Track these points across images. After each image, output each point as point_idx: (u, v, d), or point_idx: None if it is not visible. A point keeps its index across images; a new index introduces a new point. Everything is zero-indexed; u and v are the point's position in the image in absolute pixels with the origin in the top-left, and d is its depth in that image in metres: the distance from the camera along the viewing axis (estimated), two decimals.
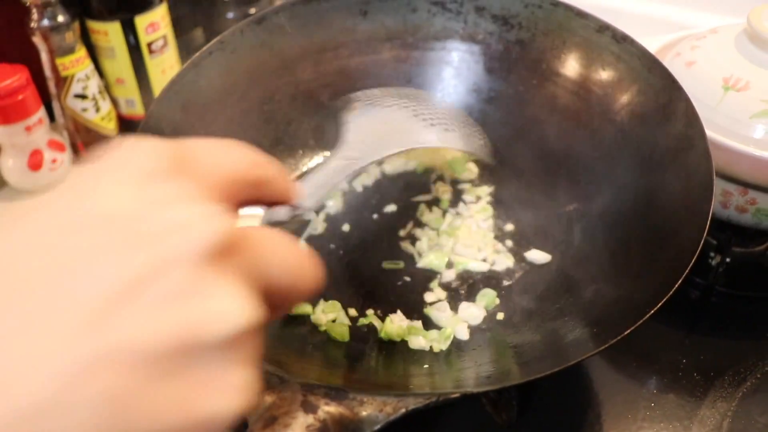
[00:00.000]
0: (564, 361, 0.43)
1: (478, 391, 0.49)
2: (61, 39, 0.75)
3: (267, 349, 0.50)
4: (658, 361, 0.59)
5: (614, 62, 0.63)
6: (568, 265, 0.61)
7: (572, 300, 0.56)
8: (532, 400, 0.54)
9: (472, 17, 0.70)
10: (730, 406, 0.55)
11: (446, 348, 0.54)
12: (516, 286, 0.60)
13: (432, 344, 0.54)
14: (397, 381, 0.51)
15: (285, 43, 0.70)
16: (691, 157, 0.54)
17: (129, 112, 0.88)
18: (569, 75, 0.67)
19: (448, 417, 0.54)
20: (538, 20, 0.67)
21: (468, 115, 0.61)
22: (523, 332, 0.56)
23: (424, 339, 0.54)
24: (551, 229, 0.65)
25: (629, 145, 0.61)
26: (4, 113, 0.73)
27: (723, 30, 0.67)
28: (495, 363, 0.51)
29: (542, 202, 0.68)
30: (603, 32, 0.64)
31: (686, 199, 0.52)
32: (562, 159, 0.67)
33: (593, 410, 0.55)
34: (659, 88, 0.59)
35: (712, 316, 0.64)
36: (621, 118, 0.62)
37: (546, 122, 0.69)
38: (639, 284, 0.51)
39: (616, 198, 0.61)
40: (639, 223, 0.56)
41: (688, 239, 0.48)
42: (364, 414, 0.37)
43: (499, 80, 0.71)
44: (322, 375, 0.48)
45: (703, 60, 0.64)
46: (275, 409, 0.37)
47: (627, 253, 0.55)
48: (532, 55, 0.68)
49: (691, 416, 0.54)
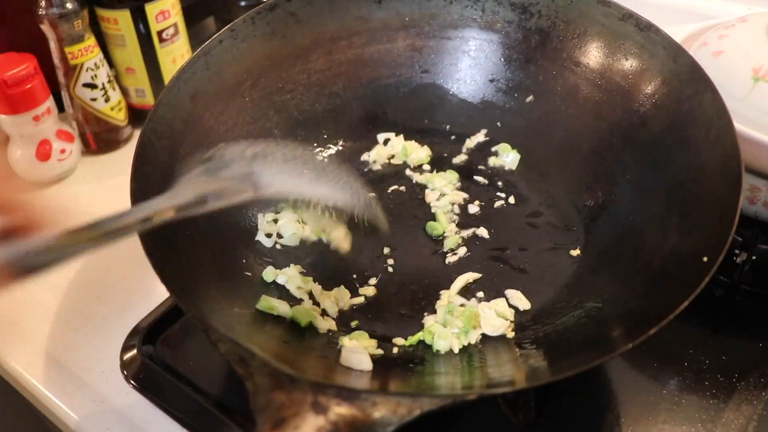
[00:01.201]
0: (584, 362, 0.42)
1: (494, 392, 0.47)
2: (69, 27, 0.74)
3: (276, 348, 0.50)
4: (680, 361, 0.57)
5: (638, 52, 0.61)
6: (590, 263, 0.59)
7: (593, 299, 0.54)
8: (550, 402, 0.53)
9: (490, 5, 0.68)
10: (756, 410, 0.53)
11: (471, 343, 0.53)
12: (533, 285, 0.59)
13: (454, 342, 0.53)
14: (412, 382, 0.49)
15: (297, 32, 0.68)
16: (717, 150, 0.52)
17: (139, 102, 0.87)
18: (590, 65, 0.65)
19: (464, 417, 0.53)
20: (559, 8, 0.66)
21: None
22: (541, 333, 0.54)
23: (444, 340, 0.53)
24: (571, 223, 0.63)
25: (652, 139, 0.59)
26: (11, 103, 0.72)
27: (753, 18, 0.65)
28: (512, 363, 0.50)
29: (562, 197, 0.66)
30: (626, 20, 0.62)
31: (713, 195, 0.50)
32: (581, 152, 0.66)
33: (612, 412, 0.53)
34: (685, 79, 0.57)
35: (737, 316, 0.62)
36: (644, 110, 0.60)
37: (566, 114, 0.67)
38: (663, 283, 0.49)
39: (637, 193, 0.59)
40: (663, 220, 0.54)
41: (715, 236, 0.46)
42: (377, 416, 0.36)
43: (518, 70, 0.69)
44: (332, 375, 0.47)
45: (731, 49, 0.62)
46: (284, 409, 0.36)
47: (651, 251, 0.53)
48: (552, 45, 0.67)
49: (714, 419, 0.52)
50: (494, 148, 0.71)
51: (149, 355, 0.57)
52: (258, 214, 0.64)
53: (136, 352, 0.58)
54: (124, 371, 0.57)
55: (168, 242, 0.51)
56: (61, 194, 0.79)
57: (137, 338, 0.58)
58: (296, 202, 0.50)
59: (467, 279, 0.59)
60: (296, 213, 0.64)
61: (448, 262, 0.61)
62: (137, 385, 0.56)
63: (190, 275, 0.51)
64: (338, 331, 0.55)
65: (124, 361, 0.57)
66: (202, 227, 0.56)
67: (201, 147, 0.60)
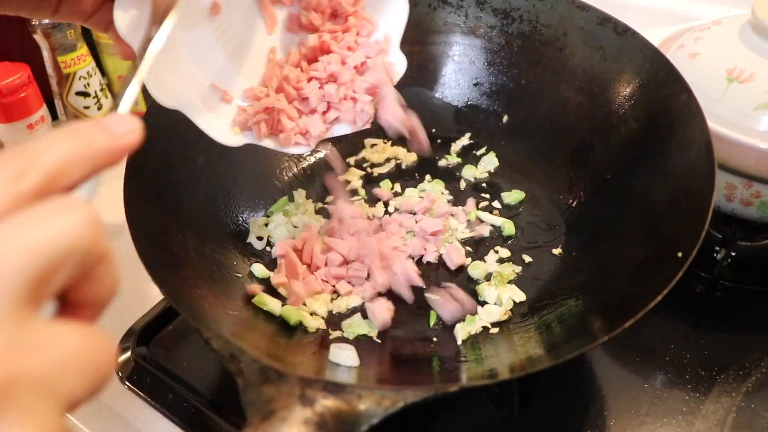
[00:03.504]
0: (562, 355, 0.43)
1: (474, 385, 0.48)
2: (62, 36, 0.75)
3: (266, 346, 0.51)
4: (662, 356, 0.58)
5: (616, 54, 0.63)
6: (571, 260, 0.61)
7: (574, 295, 0.55)
8: (534, 395, 0.54)
9: (473, 11, 0.70)
10: (735, 402, 0.54)
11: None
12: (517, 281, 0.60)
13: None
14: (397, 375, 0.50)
15: None
16: (693, 149, 0.53)
17: (131, 110, 0.88)
18: (571, 68, 0.66)
19: (450, 411, 0.54)
20: (539, 13, 0.67)
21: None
22: (521, 326, 0.55)
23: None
24: (553, 222, 0.65)
25: (631, 139, 0.60)
26: (6, 111, 0.73)
27: (727, 21, 0.66)
28: (494, 358, 0.51)
29: (544, 196, 0.67)
30: (604, 24, 0.63)
31: (688, 192, 0.52)
32: (563, 153, 0.67)
33: (596, 405, 0.54)
34: (661, 81, 0.58)
35: (717, 311, 0.64)
36: (623, 111, 0.62)
37: (547, 115, 0.68)
38: (640, 278, 0.50)
39: (616, 192, 0.61)
40: (640, 216, 0.56)
41: (690, 232, 0.47)
42: (362, 408, 0.37)
43: (501, 74, 0.71)
44: (320, 370, 0.48)
45: (706, 52, 0.64)
46: (273, 402, 0.37)
47: (629, 248, 0.55)
48: (533, 48, 0.68)
49: (694, 411, 0.54)
50: (478, 152, 0.73)
51: (143, 356, 0.58)
52: (250, 218, 0.65)
53: (131, 353, 0.58)
54: (119, 372, 0.57)
55: (161, 245, 0.52)
56: None
57: (131, 340, 0.59)
58: None
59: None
60: (287, 216, 0.65)
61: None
62: (132, 386, 0.56)
63: (183, 277, 0.52)
64: (327, 330, 0.56)
65: (119, 362, 0.58)
66: (194, 230, 0.57)
67: (191, 153, 0.61)
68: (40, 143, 0.27)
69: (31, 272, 0.23)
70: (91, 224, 0.25)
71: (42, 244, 0.23)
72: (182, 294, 0.49)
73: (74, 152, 0.27)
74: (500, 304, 0.57)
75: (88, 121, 0.30)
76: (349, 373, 0.49)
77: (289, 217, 0.65)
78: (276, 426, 0.35)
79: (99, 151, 0.28)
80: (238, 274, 0.60)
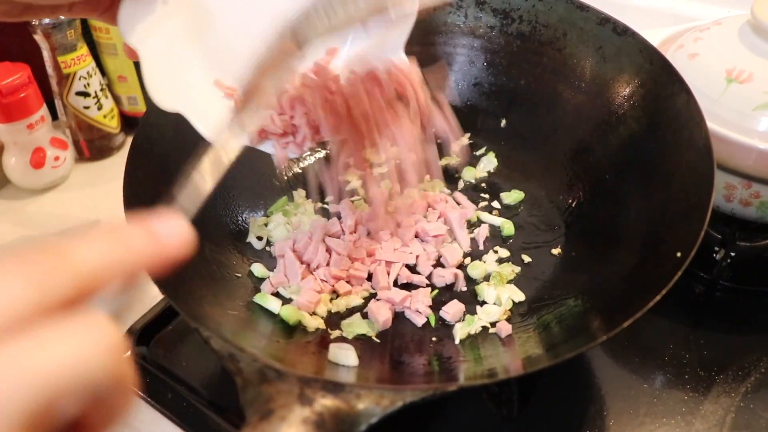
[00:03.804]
0: (561, 354, 0.43)
1: (473, 384, 0.48)
2: (62, 36, 0.75)
3: (265, 345, 0.51)
4: (661, 356, 0.58)
5: (615, 55, 0.63)
6: (570, 260, 0.61)
7: (573, 295, 0.56)
8: (533, 395, 0.54)
9: (472, 11, 0.70)
10: (734, 402, 0.54)
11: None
12: (516, 281, 0.60)
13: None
14: (396, 375, 0.51)
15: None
16: (692, 149, 0.53)
17: (131, 110, 0.88)
18: (570, 68, 0.66)
19: (449, 411, 0.54)
20: (539, 13, 0.67)
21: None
22: (520, 326, 0.55)
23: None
24: (553, 223, 0.65)
25: (630, 139, 0.61)
26: (6, 111, 0.73)
27: (727, 22, 0.66)
28: (492, 358, 0.51)
29: (543, 197, 0.67)
30: (604, 25, 0.63)
31: (687, 192, 0.52)
32: (562, 153, 0.67)
33: (595, 405, 0.54)
34: (661, 81, 0.59)
35: (716, 311, 0.64)
36: (623, 112, 0.62)
37: (547, 116, 0.68)
38: (639, 278, 0.50)
39: (615, 192, 0.61)
40: (640, 216, 0.56)
41: (689, 232, 0.48)
42: (361, 407, 0.37)
43: (501, 74, 0.71)
44: (320, 370, 0.48)
45: (706, 52, 0.64)
46: (272, 401, 0.37)
47: (628, 247, 0.55)
48: (532, 49, 0.68)
49: (694, 412, 0.54)
50: (477, 152, 0.73)
51: (143, 356, 0.58)
52: (249, 218, 0.65)
53: (130, 353, 0.58)
54: None
55: None
56: (55, 201, 0.80)
57: (131, 340, 0.59)
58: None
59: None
60: (286, 216, 0.65)
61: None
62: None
63: (183, 277, 0.52)
64: (327, 330, 0.56)
65: None
66: (193, 230, 0.57)
67: (192, 153, 0.61)
68: (72, 244, 0.24)
69: (34, 402, 0.20)
70: (112, 350, 0.22)
71: (51, 371, 0.21)
72: (181, 294, 0.49)
73: (109, 257, 0.24)
74: (499, 304, 0.57)
75: (131, 220, 0.26)
76: (348, 372, 0.49)
77: (288, 217, 0.65)
78: (275, 425, 0.35)
79: (138, 257, 0.25)
80: (238, 274, 0.60)
